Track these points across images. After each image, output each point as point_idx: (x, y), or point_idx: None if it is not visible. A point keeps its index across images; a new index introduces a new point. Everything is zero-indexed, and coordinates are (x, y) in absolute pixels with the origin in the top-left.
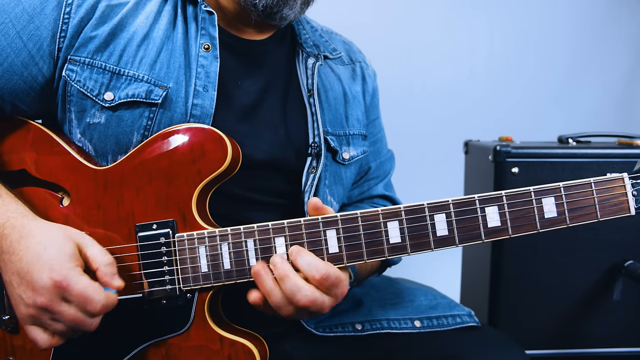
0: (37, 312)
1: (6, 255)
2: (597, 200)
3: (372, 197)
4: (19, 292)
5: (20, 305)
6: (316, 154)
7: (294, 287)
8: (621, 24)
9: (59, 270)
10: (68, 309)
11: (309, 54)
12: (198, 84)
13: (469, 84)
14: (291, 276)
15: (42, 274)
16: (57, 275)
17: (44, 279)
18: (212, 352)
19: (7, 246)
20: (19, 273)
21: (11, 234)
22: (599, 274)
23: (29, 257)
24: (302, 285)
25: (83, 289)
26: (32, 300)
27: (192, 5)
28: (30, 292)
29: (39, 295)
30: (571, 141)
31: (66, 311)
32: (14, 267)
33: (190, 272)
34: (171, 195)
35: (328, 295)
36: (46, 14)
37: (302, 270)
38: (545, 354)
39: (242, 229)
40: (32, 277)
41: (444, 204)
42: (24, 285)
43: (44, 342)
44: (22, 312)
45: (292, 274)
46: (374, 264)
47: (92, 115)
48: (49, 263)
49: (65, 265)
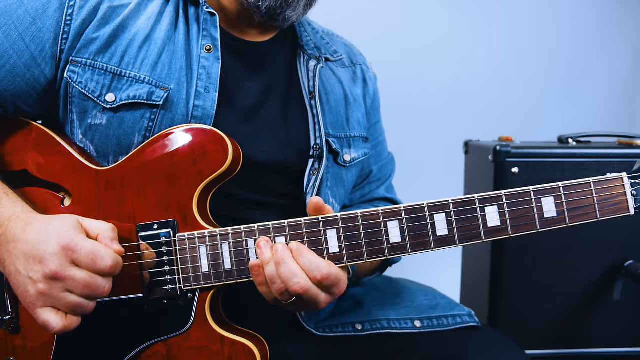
0: (47, 285)
1: (11, 244)
2: (596, 200)
3: (374, 199)
4: (26, 272)
5: (29, 287)
6: (318, 156)
7: (289, 272)
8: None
9: (66, 235)
10: (79, 272)
11: (310, 56)
12: (199, 85)
13: (469, 84)
14: (288, 261)
15: (50, 241)
16: (64, 239)
17: (52, 246)
18: (212, 352)
19: (12, 235)
20: (25, 253)
21: (17, 224)
22: (599, 274)
23: (35, 234)
24: (298, 272)
25: (91, 246)
26: (41, 273)
27: (194, 7)
28: (38, 266)
29: (48, 263)
30: (571, 141)
31: (77, 275)
32: (19, 251)
33: (191, 272)
34: (172, 196)
35: (326, 293)
36: (48, 16)
37: (302, 268)
38: (545, 354)
39: (243, 229)
40: (40, 249)
41: (444, 203)
42: (31, 262)
43: (57, 324)
44: (30, 294)
45: (290, 260)
46: (374, 263)
47: (94, 117)
48: (56, 231)
49: (71, 231)
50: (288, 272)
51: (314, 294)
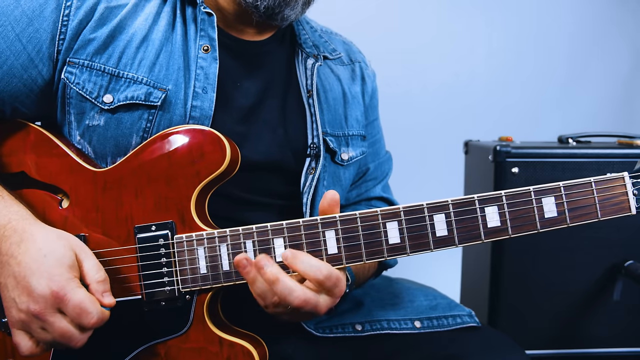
0: (28, 318)
1: (4, 257)
2: (597, 199)
3: (370, 198)
4: (13, 295)
5: (12, 309)
6: (315, 155)
7: (286, 289)
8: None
9: (58, 281)
10: (60, 320)
11: (308, 54)
12: (197, 85)
13: (469, 83)
14: (281, 278)
15: (41, 281)
16: (56, 285)
17: (42, 286)
18: (211, 353)
19: (7, 248)
20: (16, 277)
21: (12, 236)
22: (599, 274)
23: (28, 262)
24: (294, 286)
25: (80, 300)
26: (25, 306)
27: (191, 7)
28: (25, 297)
29: (34, 303)
30: (571, 141)
31: (57, 323)
32: (11, 270)
33: (189, 274)
34: (170, 197)
35: (327, 295)
36: (45, 17)
37: (302, 273)
38: (545, 354)
39: (241, 230)
40: (30, 283)
41: (444, 204)
42: (19, 289)
43: (26, 350)
44: (13, 315)
45: (282, 276)
46: (370, 267)
47: (92, 118)
48: (49, 272)
49: (64, 276)
50: (285, 290)
51: (314, 302)
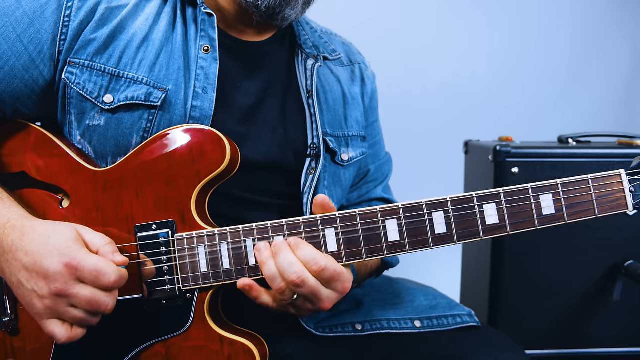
0: (53, 301)
1: (9, 255)
2: (594, 196)
3: (371, 199)
4: (31, 286)
5: (34, 300)
6: (315, 155)
7: (286, 262)
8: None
9: (68, 253)
10: (83, 289)
11: (308, 55)
12: (197, 85)
13: (469, 84)
14: (285, 252)
15: (53, 259)
16: (67, 257)
17: (55, 264)
18: (211, 352)
19: (9, 245)
20: (27, 267)
21: (12, 233)
22: (599, 274)
23: (35, 248)
24: (294, 261)
25: (94, 263)
26: (46, 289)
27: (192, 7)
28: (42, 282)
29: (53, 282)
30: (571, 141)
31: (82, 292)
32: (20, 263)
33: (189, 272)
34: (170, 196)
35: (327, 288)
36: (46, 17)
37: (301, 260)
38: (545, 354)
39: (241, 229)
40: (43, 265)
41: (442, 201)
42: (34, 277)
43: (63, 335)
44: (37, 306)
45: (287, 251)
46: (372, 265)
47: (92, 118)
48: (57, 248)
49: (73, 247)
50: (285, 262)
51: (314, 286)
